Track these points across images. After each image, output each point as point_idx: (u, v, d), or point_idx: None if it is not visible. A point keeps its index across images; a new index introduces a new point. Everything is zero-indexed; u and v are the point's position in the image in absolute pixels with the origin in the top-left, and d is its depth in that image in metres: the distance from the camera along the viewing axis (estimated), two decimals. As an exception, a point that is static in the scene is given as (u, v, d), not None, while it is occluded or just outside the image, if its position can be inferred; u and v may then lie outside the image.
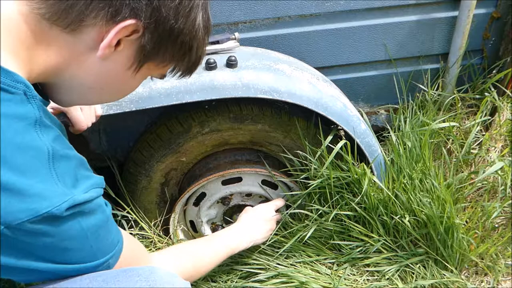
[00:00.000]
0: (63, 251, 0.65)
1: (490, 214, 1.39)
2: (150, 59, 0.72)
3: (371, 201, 1.36)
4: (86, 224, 0.65)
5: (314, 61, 1.55)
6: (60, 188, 0.61)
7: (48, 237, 0.61)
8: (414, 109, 1.62)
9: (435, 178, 1.38)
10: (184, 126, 1.31)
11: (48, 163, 0.61)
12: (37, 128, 0.61)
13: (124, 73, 0.71)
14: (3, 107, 0.57)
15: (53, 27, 0.63)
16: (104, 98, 0.79)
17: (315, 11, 1.47)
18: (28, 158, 0.59)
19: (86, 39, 0.65)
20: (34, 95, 0.62)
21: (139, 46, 0.68)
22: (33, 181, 0.58)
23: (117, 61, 0.69)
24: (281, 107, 1.33)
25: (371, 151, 1.36)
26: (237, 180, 1.43)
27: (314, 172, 1.37)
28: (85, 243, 0.67)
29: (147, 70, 0.74)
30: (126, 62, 0.70)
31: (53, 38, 0.64)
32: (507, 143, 1.59)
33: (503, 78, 1.62)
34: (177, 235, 1.53)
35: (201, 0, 0.70)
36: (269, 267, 1.38)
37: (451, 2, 1.54)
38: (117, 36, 0.65)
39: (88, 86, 0.72)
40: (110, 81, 0.73)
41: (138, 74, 0.73)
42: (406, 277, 1.37)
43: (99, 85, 0.73)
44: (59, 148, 0.64)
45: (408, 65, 1.67)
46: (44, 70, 0.67)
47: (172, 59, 0.74)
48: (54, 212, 0.59)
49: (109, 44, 0.65)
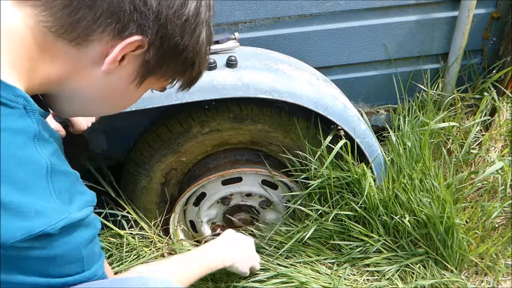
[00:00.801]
0: (57, 265, 0.65)
1: (490, 214, 1.39)
2: (152, 74, 0.72)
3: (371, 201, 1.36)
4: (79, 239, 0.66)
5: (314, 61, 1.55)
6: (57, 204, 0.61)
7: (42, 252, 0.61)
8: (414, 109, 1.62)
9: (435, 178, 1.38)
10: (184, 126, 1.31)
11: (47, 178, 0.61)
12: (36, 142, 0.61)
13: (126, 86, 0.72)
14: (3, 122, 0.57)
15: (58, 40, 0.64)
16: (105, 110, 0.79)
17: (315, 11, 1.47)
18: (27, 174, 0.59)
19: (91, 53, 0.66)
20: (33, 109, 0.62)
21: (143, 61, 0.69)
22: (31, 198, 0.58)
23: (121, 75, 0.70)
24: (281, 107, 1.33)
25: (371, 151, 1.36)
26: (237, 180, 1.43)
27: (314, 172, 1.37)
28: (78, 256, 0.67)
29: (148, 83, 0.75)
30: (129, 76, 0.71)
31: (58, 51, 0.64)
32: (507, 143, 1.59)
33: (503, 78, 1.62)
34: (177, 235, 1.53)
35: (205, 17, 0.71)
36: (269, 267, 1.38)
37: (451, 2, 1.54)
38: (122, 51, 0.65)
39: (90, 98, 0.72)
40: (112, 94, 0.73)
41: (140, 88, 0.74)
42: (406, 277, 1.37)
43: (101, 98, 0.73)
44: (57, 163, 0.64)
45: (408, 65, 1.67)
46: (46, 82, 0.67)
47: (174, 73, 0.75)
48: (48, 231, 0.59)
49: (114, 59, 0.66)
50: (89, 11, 0.62)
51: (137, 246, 1.43)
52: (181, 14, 0.66)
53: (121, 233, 1.44)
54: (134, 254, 1.42)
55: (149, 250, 1.45)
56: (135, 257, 1.41)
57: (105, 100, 0.74)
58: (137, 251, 1.42)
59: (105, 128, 1.44)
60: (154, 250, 1.45)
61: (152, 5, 0.63)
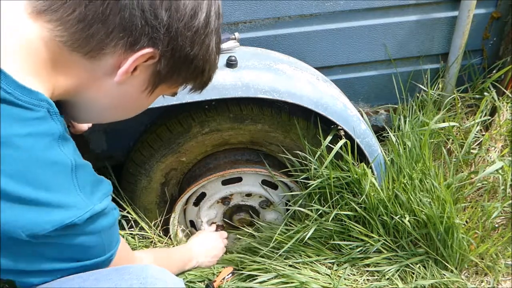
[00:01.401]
0: (83, 250, 0.71)
1: (490, 214, 1.39)
2: (164, 82, 0.75)
3: (371, 201, 1.36)
4: (101, 225, 0.71)
5: (314, 61, 1.55)
6: (81, 198, 0.66)
7: (71, 240, 0.67)
8: (414, 109, 1.62)
9: (435, 178, 1.38)
10: (184, 126, 1.31)
11: (71, 176, 0.66)
12: (60, 142, 0.65)
13: (139, 95, 0.75)
14: (29, 126, 0.61)
15: (73, 53, 0.66)
16: (118, 116, 0.82)
17: (315, 11, 1.47)
18: (53, 173, 0.63)
19: (105, 65, 0.68)
20: (56, 112, 0.65)
21: (155, 71, 0.71)
22: (58, 195, 0.63)
23: (133, 85, 0.72)
24: (281, 107, 1.33)
25: (371, 151, 1.36)
26: (237, 180, 1.43)
27: (314, 172, 1.37)
28: (99, 241, 0.73)
29: (160, 90, 0.77)
30: (141, 86, 0.73)
31: (72, 63, 0.67)
32: (507, 143, 1.59)
33: (503, 78, 1.62)
34: (177, 235, 1.53)
35: (215, 25, 0.73)
36: (269, 268, 1.38)
37: (451, 2, 1.54)
38: (134, 63, 0.67)
39: (104, 107, 0.76)
40: (125, 102, 0.76)
41: (152, 95, 0.77)
42: (406, 277, 1.37)
43: (114, 106, 0.76)
44: (78, 158, 0.68)
45: (408, 65, 1.67)
46: (63, 92, 0.70)
47: (184, 80, 0.77)
48: (77, 222, 0.65)
49: (127, 70, 0.68)
50: (102, 26, 0.64)
51: (137, 246, 1.43)
52: (191, 26, 0.68)
53: (121, 233, 1.44)
54: (134, 254, 1.42)
55: (149, 250, 1.45)
56: (135, 257, 1.41)
57: (118, 108, 0.77)
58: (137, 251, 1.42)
59: (105, 128, 1.44)
60: (154, 250, 1.45)
61: (163, 19, 0.65)
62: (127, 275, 0.76)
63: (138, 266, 0.79)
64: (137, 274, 0.76)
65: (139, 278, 0.75)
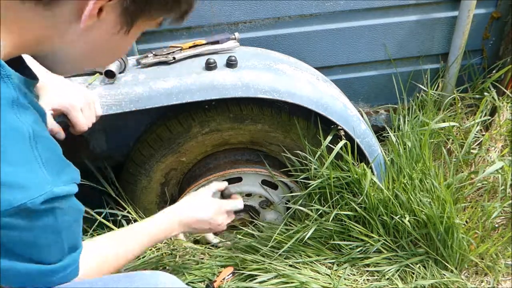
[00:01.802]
0: (36, 247, 0.63)
1: (490, 214, 1.39)
2: (137, 19, 0.68)
3: (371, 201, 1.36)
4: (61, 218, 0.63)
5: (314, 61, 1.55)
6: (43, 174, 0.58)
7: (22, 231, 0.59)
8: (414, 109, 1.62)
9: (435, 178, 1.38)
10: (184, 126, 1.31)
11: (31, 145, 0.58)
12: (15, 108, 0.58)
13: (112, 37, 0.68)
14: None
15: (25, 3, 0.59)
16: (98, 62, 0.76)
17: (315, 11, 1.47)
18: (7, 141, 0.55)
19: (65, 12, 0.61)
20: (8, 74, 0.59)
21: (122, 9, 0.64)
22: (12, 167, 0.55)
23: (103, 29, 0.66)
24: (281, 107, 1.33)
25: (371, 151, 1.36)
26: (237, 180, 1.43)
27: (314, 172, 1.37)
28: (58, 238, 0.65)
29: (137, 28, 0.70)
30: (112, 28, 0.66)
31: (26, 13, 0.60)
32: (507, 143, 1.59)
33: (503, 78, 1.62)
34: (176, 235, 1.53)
35: None
36: (269, 268, 1.38)
37: (451, 2, 1.54)
38: (97, 4, 0.61)
39: (77, 56, 0.69)
40: (100, 48, 0.70)
41: (130, 34, 0.70)
42: (406, 277, 1.37)
43: (88, 53, 0.70)
44: (40, 130, 0.61)
45: (408, 65, 1.67)
46: (22, 45, 0.63)
47: (160, 13, 0.70)
48: (28, 206, 0.56)
49: (91, 14, 0.61)
50: None
51: (137, 246, 1.43)
52: None
53: (121, 233, 1.44)
54: (134, 254, 1.42)
55: (149, 250, 1.45)
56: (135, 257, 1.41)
57: (93, 54, 0.70)
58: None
59: (105, 128, 1.44)
60: (154, 250, 1.45)
61: None
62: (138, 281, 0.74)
63: (148, 273, 0.77)
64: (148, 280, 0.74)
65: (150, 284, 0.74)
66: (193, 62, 1.29)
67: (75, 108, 1.03)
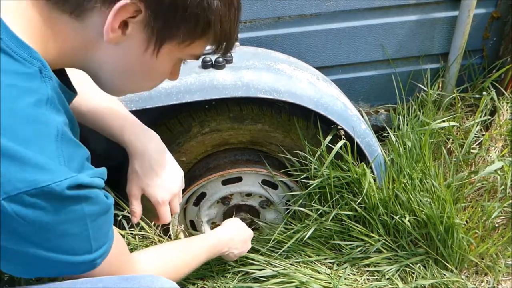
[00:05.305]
0: (59, 236, 0.61)
1: (490, 214, 1.39)
2: (166, 40, 0.67)
3: (371, 201, 1.36)
4: (88, 209, 0.62)
5: (314, 61, 1.55)
6: (64, 167, 0.58)
7: (46, 216, 0.58)
8: (414, 109, 1.62)
9: (435, 178, 1.38)
10: (184, 126, 1.31)
11: (56, 142, 0.58)
12: (49, 106, 0.59)
13: (142, 56, 0.68)
14: (18, 79, 0.56)
15: (63, 15, 0.62)
16: (137, 84, 0.76)
17: (315, 11, 1.47)
18: (35, 132, 0.56)
19: (93, 24, 0.63)
20: (49, 76, 0.61)
21: (147, 27, 0.65)
22: (37, 153, 0.55)
23: (131, 45, 0.66)
24: (281, 107, 1.33)
25: (371, 151, 1.36)
26: (237, 180, 1.43)
27: (314, 172, 1.37)
28: (83, 229, 0.64)
29: (169, 51, 0.70)
30: (140, 45, 0.67)
31: (63, 25, 0.63)
32: (507, 143, 1.59)
33: (503, 78, 1.62)
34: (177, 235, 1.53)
35: None
36: (269, 267, 1.38)
37: (451, 2, 1.54)
38: (117, 18, 0.61)
39: (111, 71, 0.70)
40: (130, 66, 0.70)
41: (160, 57, 0.69)
42: (406, 277, 1.37)
43: (121, 70, 0.70)
44: (69, 133, 0.62)
45: (408, 65, 1.67)
46: (63, 55, 0.65)
47: (192, 36, 0.68)
48: (54, 188, 0.56)
49: (111, 27, 0.62)
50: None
51: (137, 246, 1.43)
52: None
53: (121, 233, 1.44)
54: (134, 254, 1.42)
55: (149, 250, 1.45)
56: (135, 257, 1.41)
57: (128, 73, 0.71)
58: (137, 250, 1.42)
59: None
60: (154, 250, 1.45)
61: None
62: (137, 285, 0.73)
63: (148, 277, 0.75)
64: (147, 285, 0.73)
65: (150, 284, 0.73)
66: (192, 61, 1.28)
67: (165, 202, 0.95)
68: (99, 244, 0.69)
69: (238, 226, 1.29)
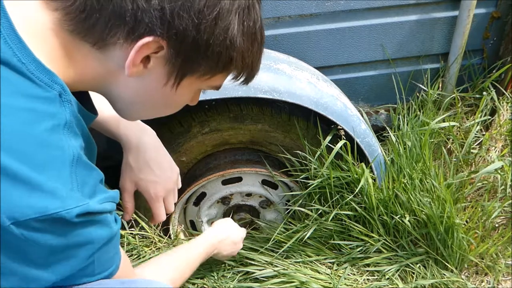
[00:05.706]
0: (65, 259, 0.62)
1: (490, 214, 1.39)
2: (186, 74, 0.68)
3: (371, 201, 1.36)
4: (96, 234, 0.63)
5: (314, 61, 1.55)
6: (76, 193, 0.59)
7: (54, 240, 0.58)
8: (414, 109, 1.62)
9: (435, 178, 1.38)
10: (184, 126, 1.31)
11: (71, 166, 0.59)
12: (66, 131, 0.60)
13: (162, 89, 0.69)
14: (37, 103, 0.57)
15: (85, 44, 0.63)
16: (153, 112, 0.77)
17: (315, 11, 1.47)
18: (50, 157, 0.57)
19: (114, 57, 0.64)
20: (69, 100, 0.62)
21: (169, 62, 0.65)
22: (50, 179, 0.56)
23: (151, 79, 0.67)
24: (281, 107, 1.33)
25: (371, 151, 1.36)
26: (237, 180, 1.43)
27: (314, 172, 1.37)
28: (89, 254, 0.64)
29: (189, 84, 0.70)
30: (160, 79, 0.67)
31: (85, 54, 0.64)
32: (507, 143, 1.59)
33: (503, 78, 1.62)
34: (177, 235, 1.53)
35: (234, 5, 0.63)
36: (269, 267, 1.38)
37: (451, 2, 1.54)
38: (139, 54, 0.62)
39: (129, 101, 0.71)
40: (151, 98, 0.71)
41: (180, 89, 0.70)
42: (406, 277, 1.37)
43: (141, 102, 0.71)
44: (84, 157, 0.62)
45: (408, 65, 1.67)
46: (80, 82, 0.66)
47: (213, 71, 0.69)
48: (64, 216, 0.56)
49: (133, 63, 0.63)
50: (99, 16, 0.60)
51: (137, 246, 1.43)
52: (189, 7, 0.60)
53: (121, 233, 1.44)
54: (135, 253, 1.42)
55: (149, 249, 1.45)
56: (136, 256, 1.41)
57: (144, 103, 0.72)
58: (137, 250, 1.42)
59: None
60: (154, 250, 1.45)
61: (155, 1, 0.59)
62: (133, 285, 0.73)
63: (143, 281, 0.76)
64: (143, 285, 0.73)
65: None
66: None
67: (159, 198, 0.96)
68: (104, 268, 0.69)
69: (229, 227, 1.30)
